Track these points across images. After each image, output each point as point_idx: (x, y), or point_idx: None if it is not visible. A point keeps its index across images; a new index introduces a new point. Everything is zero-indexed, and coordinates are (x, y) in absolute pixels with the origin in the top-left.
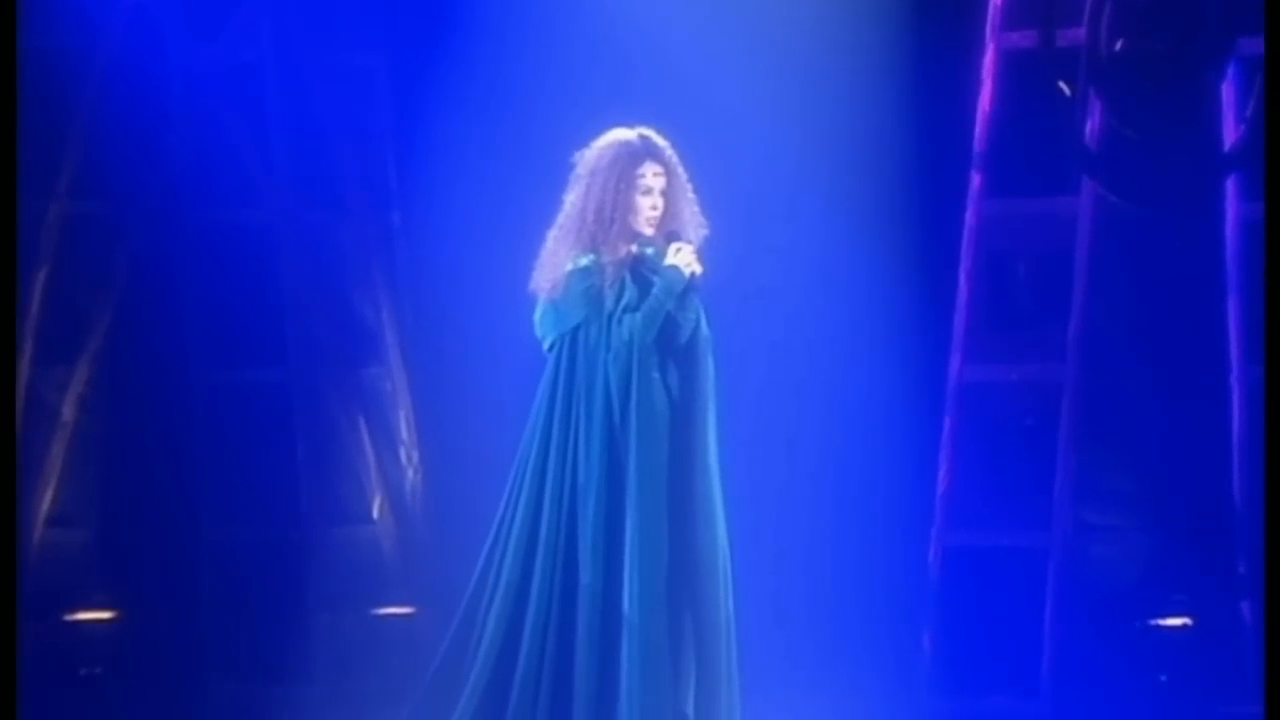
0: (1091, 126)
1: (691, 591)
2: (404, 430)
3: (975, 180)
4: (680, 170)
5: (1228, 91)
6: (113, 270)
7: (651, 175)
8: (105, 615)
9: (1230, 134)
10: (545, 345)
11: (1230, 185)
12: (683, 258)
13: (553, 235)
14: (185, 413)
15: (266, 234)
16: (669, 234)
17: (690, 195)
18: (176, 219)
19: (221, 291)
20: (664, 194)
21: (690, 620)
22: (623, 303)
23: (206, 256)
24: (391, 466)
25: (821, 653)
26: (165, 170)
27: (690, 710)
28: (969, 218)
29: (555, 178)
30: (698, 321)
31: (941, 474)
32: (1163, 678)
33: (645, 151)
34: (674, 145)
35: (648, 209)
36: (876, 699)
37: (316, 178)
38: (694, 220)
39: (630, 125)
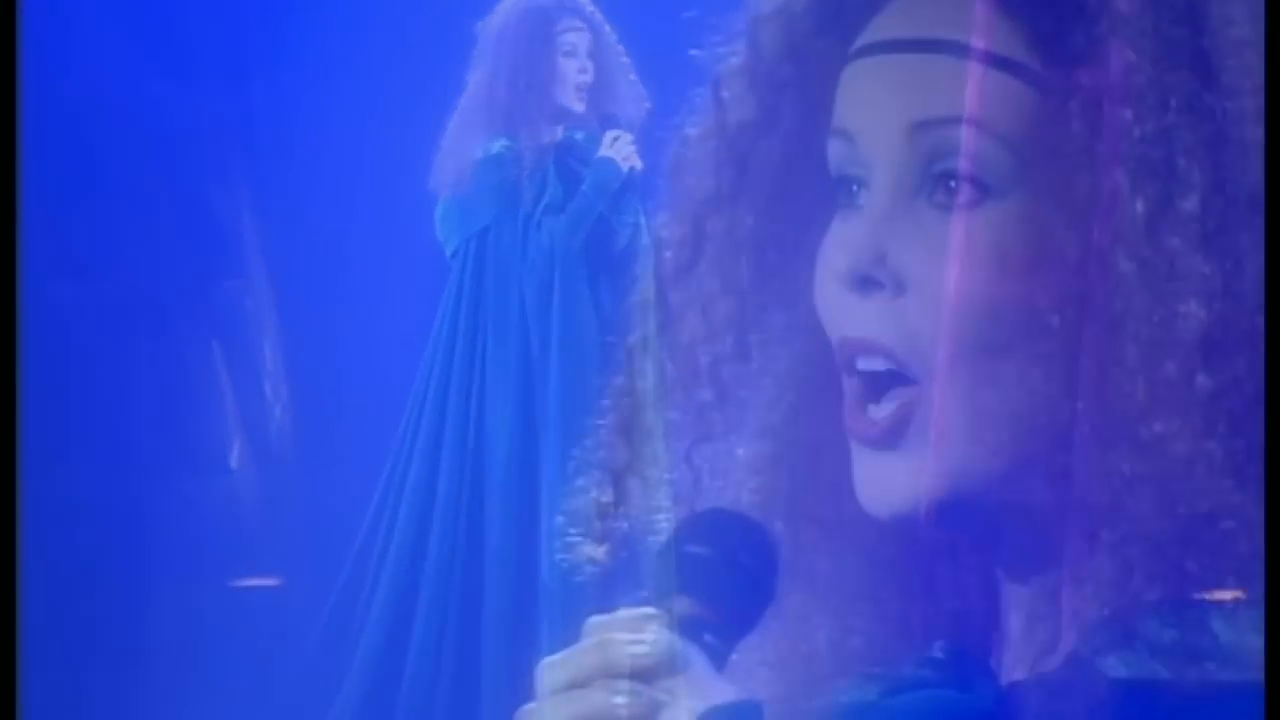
0: None
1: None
2: (269, 357)
3: None
4: (607, 29)
5: None
6: None
7: (573, 33)
8: None
9: None
10: (448, 251)
11: None
12: (620, 148)
13: (456, 121)
14: None
15: (92, 110)
16: (603, 117)
17: (624, 59)
18: None
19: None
20: (591, 56)
21: None
22: (544, 200)
23: (14, 139)
24: (254, 402)
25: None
26: None
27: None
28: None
29: (457, 55)
30: (637, 226)
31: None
32: (1212, 665)
33: (560, 6)
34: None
35: (574, 73)
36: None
37: (156, 41)
38: (632, 93)
39: None
